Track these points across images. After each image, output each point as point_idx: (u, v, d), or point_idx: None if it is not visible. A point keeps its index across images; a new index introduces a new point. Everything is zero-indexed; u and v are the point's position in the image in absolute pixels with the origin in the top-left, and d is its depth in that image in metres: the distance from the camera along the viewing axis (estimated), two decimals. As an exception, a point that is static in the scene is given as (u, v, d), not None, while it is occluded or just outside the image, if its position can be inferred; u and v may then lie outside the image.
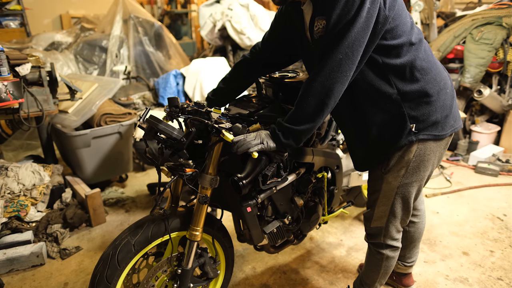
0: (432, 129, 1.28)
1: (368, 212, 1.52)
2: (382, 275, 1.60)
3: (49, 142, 2.77)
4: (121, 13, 4.58)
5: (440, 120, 1.28)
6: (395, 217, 1.45)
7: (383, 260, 1.55)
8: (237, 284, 2.00)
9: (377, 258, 1.56)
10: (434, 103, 1.26)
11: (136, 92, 4.05)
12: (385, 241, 1.51)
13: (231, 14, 4.82)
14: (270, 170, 1.44)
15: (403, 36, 1.20)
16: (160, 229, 1.40)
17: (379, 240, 1.52)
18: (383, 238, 1.50)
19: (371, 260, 1.61)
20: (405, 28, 1.21)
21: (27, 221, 2.33)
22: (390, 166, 1.34)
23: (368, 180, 1.48)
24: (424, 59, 1.26)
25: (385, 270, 1.58)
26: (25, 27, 4.82)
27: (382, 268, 1.57)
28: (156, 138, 1.33)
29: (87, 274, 2.08)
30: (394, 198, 1.40)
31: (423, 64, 1.25)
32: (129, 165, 3.06)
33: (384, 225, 1.47)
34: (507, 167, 3.25)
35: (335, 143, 1.94)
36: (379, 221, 1.48)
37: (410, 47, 1.22)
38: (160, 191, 1.36)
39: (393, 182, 1.36)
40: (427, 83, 1.25)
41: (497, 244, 2.29)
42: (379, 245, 1.54)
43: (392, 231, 1.49)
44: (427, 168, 1.36)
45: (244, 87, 1.73)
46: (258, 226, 1.57)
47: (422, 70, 1.25)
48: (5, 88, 2.19)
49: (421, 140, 1.28)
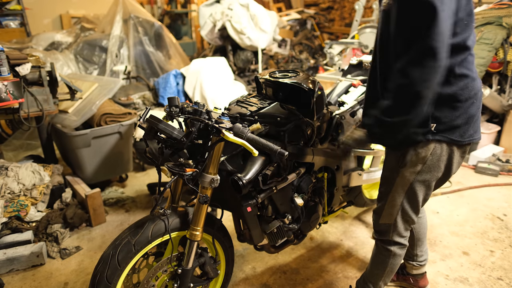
0: (451, 133, 1.29)
1: (378, 207, 1.54)
2: (387, 273, 1.61)
3: (49, 142, 2.77)
4: (121, 13, 4.58)
5: (460, 127, 1.29)
6: (405, 214, 1.46)
7: (390, 257, 1.56)
8: (237, 284, 2.00)
9: (384, 255, 1.58)
10: (459, 109, 1.27)
11: (136, 92, 4.05)
12: (393, 237, 1.52)
13: (231, 14, 4.82)
14: (270, 170, 1.44)
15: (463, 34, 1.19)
16: (160, 229, 1.40)
17: (388, 237, 1.53)
18: (392, 235, 1.52)
19: (377, 257, 1.62)
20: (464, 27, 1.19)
21: (27, 221, 2.33)
22: (406, 160, 1.36)
23: (383, 172, 1.50)
24: (465, 65, 1.25)
25: (391, 268, 1.60)
26: (25, 27, 4.82)
27: (388, 265, 1.58)
28: (156, 138, 1.33)
29: (87, 274, 2.08)
30: (406, 194, 1.42)
31: (463, 70, 1.25)
32: (129, 165, 3.06)
33: (393, 222, 1.49)
34: (507, 167, 3.25)
35: (335, 143, 1.94)
36: (388, 218, 1.49)
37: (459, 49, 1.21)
38: (160, 191, 1.36)
39: (408, 177, 1.38)
40: (460, 89, 1.25)
41: (497, 244, 2.29)
42: (387, 242, 1.55)
43: (400, 228, 1.50)
44: (441, 169, 1.37)
45: None
46: (258, 226, 1.57)
47: (460, 76, 1.25)
48: (5, 88, 2.19)
49: (438, 140, 1.30)
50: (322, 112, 1.74)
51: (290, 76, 1.70)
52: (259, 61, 4.98)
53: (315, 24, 7.81)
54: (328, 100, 2.06)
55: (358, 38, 4.12)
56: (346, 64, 3.81)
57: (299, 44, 7.30)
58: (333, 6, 8.80)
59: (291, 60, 6.60)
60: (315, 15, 8.07)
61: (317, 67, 5.90)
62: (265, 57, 5.92)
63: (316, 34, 7.78)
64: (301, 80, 1.64)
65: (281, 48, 6.37)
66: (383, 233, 1.55)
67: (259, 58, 4.97)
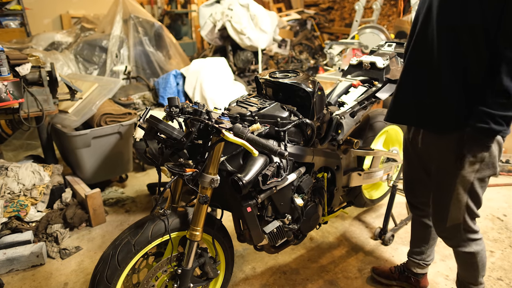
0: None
1: (438, 214, 1.53)
2: (481, 268, 1.60)
3: (49, 142, 2.77)
4: (121, 13, 4.58)
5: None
6: (471, 211, 1.46)
7: (476, 257, 1.56)
8: (237, 284, 2.00)
9: (468, 258, 1.57)
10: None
11: (136, 92, 4.05)
12: (466, 235, 1.51)
13: (231, 14, 4.82)
14: (270, 170, 1.44)
15: None
16: (160, 229, 1.40)
17: (460, 237, 1.52)
18: (464, 233, 1.51)
19: (464, 262, 1.62)
20: None
21: (27, 221, 2.33)
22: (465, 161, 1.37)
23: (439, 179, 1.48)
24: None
25: (482, 263, 1.59)
26: (25, 27, 4.82)
27: (479, 263, 1.58)
28: (156, 138, 1.33)
29: (87, 274, 2.08)
30: (469, 192, 1.42)
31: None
32: (129, 165, 3.06)
33: (461, 220, 1.48)
34: (507, 167, 3.25)
35: (335, 143, 1.94)
36: (455, 219, 1.49)
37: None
38: (160, 191, 1.36)
39: (468, 177, 1.39)
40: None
41: (497, 244, 2.29)
42: (462, 244, 1.54)
43: (470, 224, 1.49)
44: (495, 165, 1.39)
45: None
46: (258, 226, 1.57)
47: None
48: (5, 88, 2.19)
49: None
50: (322, 113, 1.75)
51: (290, 76, 1.70)
52: (259, 61, 4.98)
53: (315, 25, 7.82)
54: (328, 100, 2.06)
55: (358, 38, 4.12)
56: (346, 65, 3.81)
57: (299, 44, 7.30)
58: (333, 6, 8.81)
59: (291, 61, 6.60)
60: (315, 15, 8.08)
61: (317, 68, 5.91)
62: (265, 57, 5.93)
63: (316, 34, 7.78)
64: (301, 80, 1.64)
65: (281, 48, 6.37)
66: (454, 234, 1.53)
67: (259, 59, 4.97)
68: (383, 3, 5.20)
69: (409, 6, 3.72)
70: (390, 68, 2.01)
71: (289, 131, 1.61)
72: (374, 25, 4.15)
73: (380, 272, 2.00)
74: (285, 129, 1.55)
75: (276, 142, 1.57)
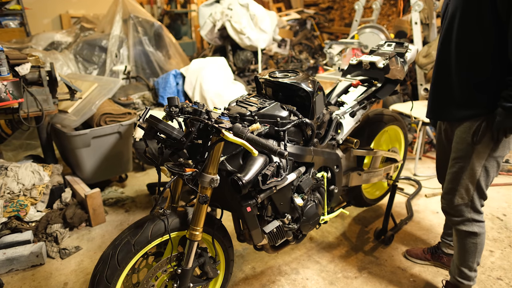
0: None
1: (449, 188, 1.58)
2: (478, 253, 1.65)
3: (48, 142, 2.77)
4: (121, 13, 4.58)
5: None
6: (480, 190, 1.52)
7: (477, 238, 1.60)
8: (236, 284, 2.00)
9: (470, 238, 1.61)
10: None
11: (136, 92, 4.05)
12: (471, 216, 1.57)
13: (231, 14, 4.82)
14: (270, 169, 1.44)
15: None
16: (160, 229, 1.40)
17: (465, 215, 1.57)
18: (470, 213, 1.56)
19: (464, 244, 1.65)
20: None
21: (26, 221, 2.32)
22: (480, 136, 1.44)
23: (456, 150, 1.55)
24: None
25: (480, 247, 1.64)
26: (24, 27, 4.82)
27: (478, 246, 1.62)
28: (156, 137, 1.33)
29: (86, 274, 2.08)
30: (481, 171, 1.48)
31: None
32: (129, 165, 3.06)
33: (469, 200, 1.54)
34: (507, 167, 3.25)
35: (334, 143, 1.94)
36: (463, 197, 1.54)
37: None
38: (160, 191, 1.36)
39: (482, 153, 1.46)
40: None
41: (496, 244, 2.29)
42: (467, 223, 1.58)
43: (477, 204, 1.55)
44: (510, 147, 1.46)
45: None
46: (258, 226, 1.57)
47: None
48: (5, 88, 2.18)
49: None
50: (321, 112, 1.75)
51: (289, 76, 1.70)
52: (259, 61, 4.98)
53: (314, 24, 7.81)
54: (328, 100, 2.06)
55: (358, 38, 4.12)
56: (345, 64, 3.82)
57: (298, 44, 7.29)
58: (332, 6, 8.80)
59: (290, 60, 6.59)
60: (314, 15, 8.07)
61: (317, 67, 5.90)
62: (265, 57, 5.92)
63: (315, 34, 7.78)
64: (301, 80, 1.64)
65: (281, 48, 6.36)
66: (459, 213, 1.58)
67: (258, 58, 4.97)
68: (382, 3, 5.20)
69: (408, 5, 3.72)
70: (389, 68, 2.01)
71: (289, 131, 1.61)
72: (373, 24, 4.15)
73: (413, 253, 2.12)
74: (285, 129, 1.55)
75: (275, 141, 1.57)
